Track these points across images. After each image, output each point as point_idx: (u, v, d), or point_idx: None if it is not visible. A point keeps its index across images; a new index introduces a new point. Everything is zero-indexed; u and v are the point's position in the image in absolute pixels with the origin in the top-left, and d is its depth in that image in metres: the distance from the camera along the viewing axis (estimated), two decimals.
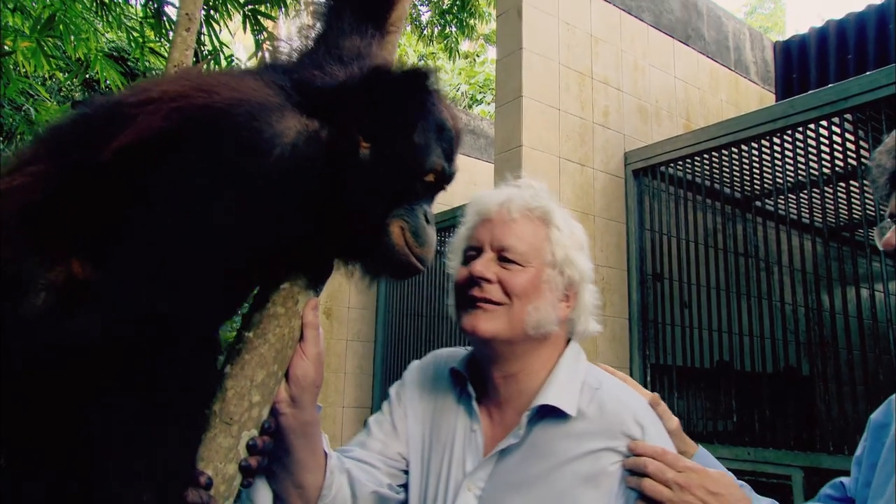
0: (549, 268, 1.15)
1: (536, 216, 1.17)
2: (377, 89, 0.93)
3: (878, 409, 1.15)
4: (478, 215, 1.20)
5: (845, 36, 4.67)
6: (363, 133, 0.93)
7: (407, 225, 0.95)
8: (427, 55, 9.95)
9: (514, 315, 1.12)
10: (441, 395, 1.25)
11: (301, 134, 0.88)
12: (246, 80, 0.93)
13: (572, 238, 1.19)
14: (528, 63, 3.42)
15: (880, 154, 1.04)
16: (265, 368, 0.95)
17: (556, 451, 1.09)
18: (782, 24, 19.55)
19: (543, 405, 1.11)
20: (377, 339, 5.06)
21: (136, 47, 4.41)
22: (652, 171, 3.67)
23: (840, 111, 2.88)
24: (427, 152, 0.95)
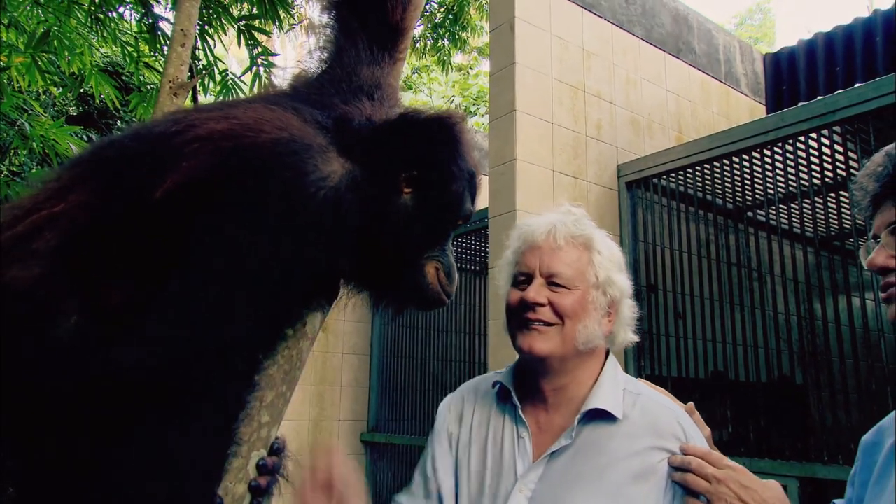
0: (593, 289, 1.27)
1: (580, 243, 1.29)
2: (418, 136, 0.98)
3: (870, 431, 1.17)
4: (526, 243, 1.32)
5: (833, 48, 4.73)
6: (406, 179, 0.97)
7: (441, 266, 1.03)
8: (420, 68, 10.01)
9: (566, 334, 1.24)
10: (485, 408, 1.36)
11: (344, 178, 0.90)
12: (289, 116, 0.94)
13: (612, 260, 1.31)
14: (521, 77, 3.46)
15: (863, 177, 1.07)
16: (274, 389, 0.96)
17: (607, 450, 1.20)
18: (772, 35, 19.78)
19: (593, 409, 1.23)
20: (373, 352, 5.06)
21: (130, 62, 4.43)
22: (645, 183, 3.70)
23: (829, 123, 2.92)
24: (463, 201, 1.02)
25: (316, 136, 0.92)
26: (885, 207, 1.03)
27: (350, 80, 1.16)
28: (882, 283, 1.03)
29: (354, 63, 1.19)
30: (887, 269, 1.02)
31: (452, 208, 1.02)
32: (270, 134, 0.87)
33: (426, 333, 4.87)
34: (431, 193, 1.00)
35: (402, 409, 4.87)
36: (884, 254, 1.01)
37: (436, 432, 1.40)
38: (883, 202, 1.03)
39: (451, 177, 1.00)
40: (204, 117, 0.91)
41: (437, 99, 11.74)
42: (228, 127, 0.88)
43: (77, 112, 5.70)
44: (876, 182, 1.04)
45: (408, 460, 4.78)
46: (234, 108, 0.94)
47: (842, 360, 2.89)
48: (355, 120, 1.02)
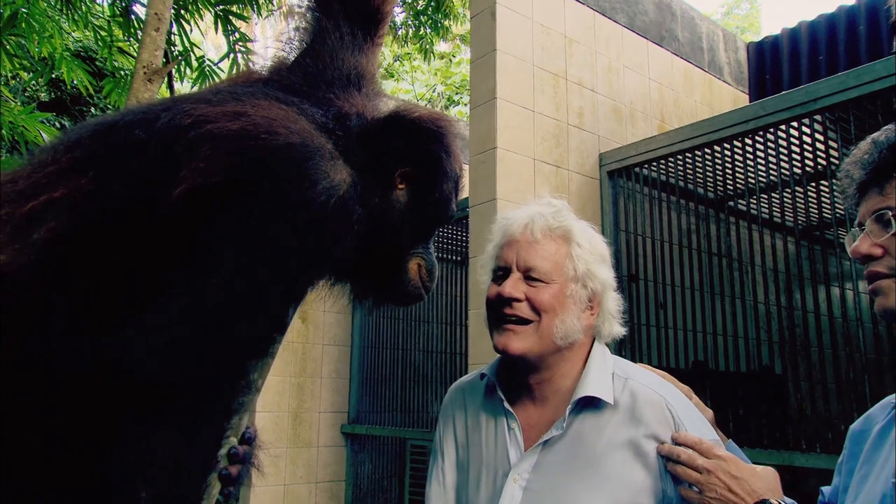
0: (572, 283, 1.25)
1: (558, 235, 1.27)
2: (415, 134, 1.01)
3: (858, 420, 1.18)
4: (504, 237, 1.30)
5: (817, 37, 4.73)
6: (400, 175, 1.01)
7: (424, 262, 1.06)
8: (402, 55, 9.91)
9: (542, 330, 1.22)
10: (474, 403, 1.37)
11: (350, 186, 0.91)
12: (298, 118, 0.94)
13: (593, 252, 1.29)
14: (503, 65, 3.40)
15: (849, 164, 1.06)
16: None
17: (600, 438, 1.19)
18: (758, 24, 19.83)
19: (583, 397, 1.22)
20: (354, 342, 5.01)
21: (103, 47, 4.32)
22: (627, 173, 3.67)
23: (810, 112, 2.90)
24: (451, 201, 1.08)
25: (323, 140, 0.94)
26: (870, 195, 1.02)
27: (335, 66, 1.18)
28: (866, 272, 1.02)
29: (338, 48, 1.20)
30: (871, 256, 1.00)
31: (442, 207, 1.06)
32: (284, 138, 0.87)
33: (407, 324, 4.83)
34: (424, 190, 1.04)
35: (384, 401, 4.84)
36: (868, 241, 1.00)
37: (437, 440, 1.41)
38: (868, 189, 1.02)
39: (444, 175, 1.05)
40: (217, 112, 0.89)
41: (420, 87, 11.67)
42: (242, 127, 0.87)
43: (49, 98, 5.55)
44: (862, 169, 1.03)
45: (389, 452, 4.75)
46: (242, 101, 0.94)
47: (821, 350, 2.89)
48: (352, 118, 1.04)
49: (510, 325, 1.23)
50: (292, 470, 4.58)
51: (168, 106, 0.94)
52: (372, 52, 1.30)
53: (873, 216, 0.99)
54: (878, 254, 0.99)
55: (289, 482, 4.55)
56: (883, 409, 1.12)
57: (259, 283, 0.85)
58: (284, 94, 1.04)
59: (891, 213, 0.97)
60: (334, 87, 1.14)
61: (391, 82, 11.44)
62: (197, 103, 0.93)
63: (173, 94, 3.87)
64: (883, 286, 0.99)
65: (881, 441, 1.06)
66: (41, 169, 0.89)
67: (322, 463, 4.76)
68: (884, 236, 0.97)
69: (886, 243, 0.97)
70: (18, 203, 0.84)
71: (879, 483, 1.01)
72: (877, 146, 1.02)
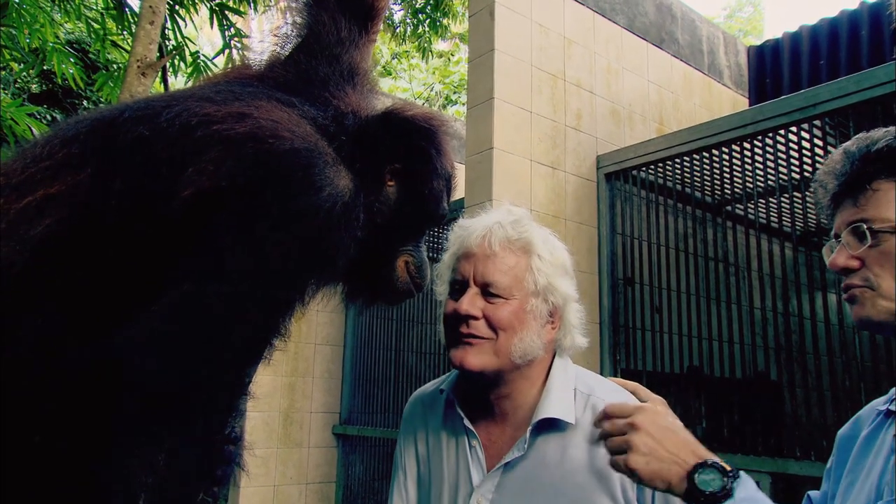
0: (532, 297, 1.19)
1: (518, 247, 1.20)
2: (406, 131, 1.01)
3: (846, 424, 1.17)
4: (461, 248, 1.24)
5: (818, 41, 4.70)
6: (391, 171, 1.01)
7: (412, 259, 1.05)
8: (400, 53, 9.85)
9: (500, 348, 1.17)
10: (435, 418, 1.31)
11: (352, 191, 0.91)
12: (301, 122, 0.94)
13: (554, 264, 1.22)
14: (500, 65, 3.37)
15: (823, 175, 1.05)
16: None
17: (565, 458, 1.15)
18: (760, 28, 19.82)
19: (544, 419, 1.16)
20: (346, 342, 4.97)
21: (96, 39, 4.26)
22: (624, 175, 3.64)
23: (809, 117, 2.87)
24: (441, 199, 1.06)
25: (325, 145, 0.93)
26: (844, 206, 1.01)
27: (329, 62, 1.17)
28: (843, 284, 1.01)
29: (332, 43, 1.19)
30: (849, 269, 0.99)
31: (432, 204, 1.05)
32: (289, 143, 0.87)
33: (400, 325, 4.79)
34: (414, 187, 1.03)
35: (376, 402, 4.80)
36: (845, 254, 0.99)
37: (398, 455, 1.36)
38: (842, 201, 1.01)
39: (434, 172, 1.04)
40: (223, 113, 0.88)
41: (417, 86, 11.61)
42: (249, 130, 0.86)
43: (40, 90, 5.49)
44: (835, 180, 1.02)
45: (380, 453, 4.71)
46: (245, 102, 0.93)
47: (817, 356, 2.86)
48: (348, 116, 1.04)
49: (468, 339, 1.18)
50: (282, 471, 4.54)
51: (168, 103, 0.91)
52: (366, 47, 1.29)
53: (849, 228, 0.98)
54: (855, 266, 0.98)
55: (279, 483, 4.50)
56: (870, 413, 1.10)
57: (261, 287, 0.83)
58: (283, 93, 1.03)
59: (866, 226, 0.96)
60: (329, 84, 1.13)
61: (389, 80, 11.37)
62: (201, 101, 0.91)
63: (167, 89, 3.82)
64: (858, 295, 0.99)
65: (867, 447, 1.05)
66: (36, 164, 0.87)
67: (313, 464, 4.71)
68: (860, 249, 0.96)
69: (863, 255, 0.97)
70: (13, 198, 0.82)
71: (864, 492, 0.99)
72: (848, 157, 1.01)
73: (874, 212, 0.96)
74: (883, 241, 0.94)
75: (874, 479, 0.98)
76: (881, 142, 0.98)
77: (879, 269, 0.95)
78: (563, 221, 3.51)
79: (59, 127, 0.96)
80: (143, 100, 0.99)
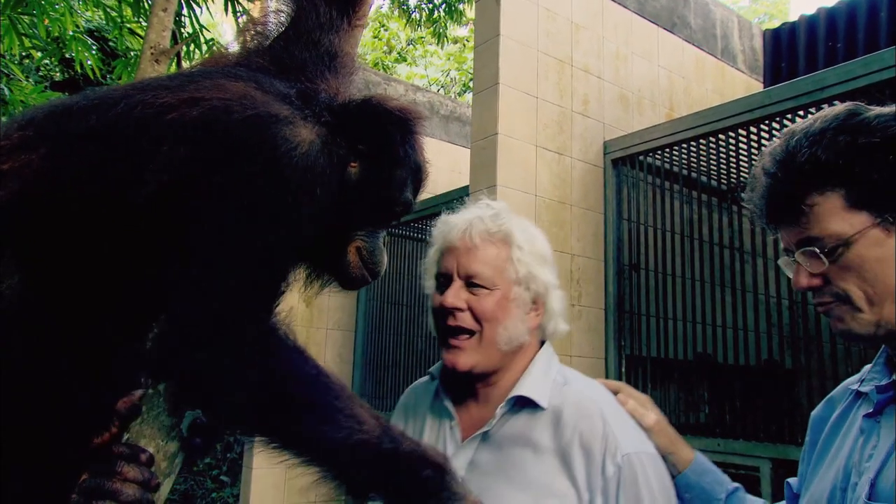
0: (514, 286, 1.24)
1: (498, 239, 1.26)
2: (376, 116, 1.02)
3: (819, 405, 1.15)
4: (443, 243, 1.29)
5: (835, 24, 4.60)
6: (356, 154, 1.01)
7: (365, 245, 1.05)
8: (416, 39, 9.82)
9: (486, 340, 1.22)
10: (424, 404, 1.36)
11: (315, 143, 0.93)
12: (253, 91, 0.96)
13: (533, 254, 1.27)
14: (506, 50, 3.37)
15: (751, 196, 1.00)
16: None
17: (530, 441, 1.18)
18: (786, 11, 19.31)
19: (518, 396, 1.21)
20: (358, 328, 5.04)
21: (114, 27, 4.35)
22: (631, 161, 3.63)
23: (818, 101, 2.83)
24: (404, 187, 1.07)
25: (281, 107, 0.95)
26: (784, 224, 0.96)
27: (308, 46, 1.17)
28: (815, 302, 0.97)
29: (313, 27, 1.19)
30: (813, 287, 0.95)
31: (392, 190, 1.05)
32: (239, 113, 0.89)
33: (411, 310, 4.84)
34: (376, 171, 1.03)
35: (387, 387, 4.86)
36: (805, 275, 0.95)
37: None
38: (781, 219, 0.96)
39: (398, 159, 1.04)
40: (176, 99, 0.91)
41: (434, 72, 11.55)
42: (201, 114, 0.89)
43: (62, 78, 5.62)
44: (764, 200, 0.97)
45: None
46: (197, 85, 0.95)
47: (832, 344, 2.83)
48: (320, 94, 1.06)
49: (456, 340, 1.22)
50: None
51: (126, 93, 0.95)
52: (350, 34, 1.29)
53: (801, 251, 0.94)
54: (818, 284, 0.95)
55: (290, 466, 4.60)
56: (843, 393, 1.09)
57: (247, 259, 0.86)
58: (247, 71, 1.05)
59: (818, 249, 0.92)
60: (306, 69, 1.14)
61: (404, 66, 11.32)
62: (157, 90, 0.95)
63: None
64: (836, 313, 0.94)
65: (837, 428, 1.04)
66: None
67: None
68: (819, 268, 0.93)
69: (825, 272, 0.93)
70: None
71: (831, 472, 0.99)
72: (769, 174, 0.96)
73: (819, 230, 0.92)
74: (839, 256, 0.91)
75: (842, 461, 0.97)
76: (800, 155, 0.93)
77: (845, 283, 0.91)
78: (569, 207, 3.52)
79: (21, 113, 1.02)
80: (103, 90, 1.03)
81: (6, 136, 0.91)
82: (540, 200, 3.40)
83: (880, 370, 0.99)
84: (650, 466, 1.15)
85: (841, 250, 0.90)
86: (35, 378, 0.85)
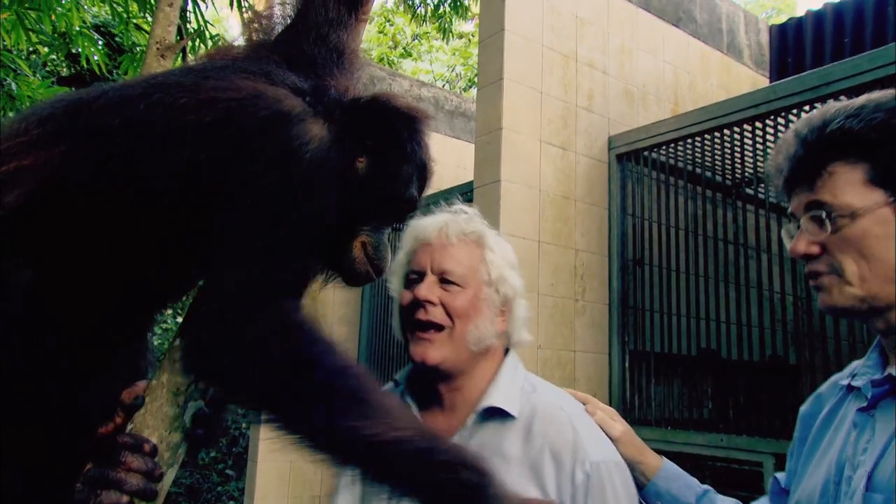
0: (486, 286, 1.26)
1: (472, 240, 1.29)
2: (384, 118, 1.04)
3: (807, 401, 1.16)
4: (417, 241, 1.30)
5: (842, 19, 4.57)
6: (364, 150, 1.03)
7: (370, 240, 1.05)
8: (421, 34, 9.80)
9: (456, 337, 1.22)
10: None
11: (325, 139, 0.95)
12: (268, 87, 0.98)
13: (504, 258, 1.30)
14: (511, 45, 3.37)
15: (776, 157, 1.03)
16: None
17: (500, 451, 1.18)
18: (793, 6, 19.16)
19: (489, 407, 1.21)
20: (362, 322, 5.06)
21: (120, 22, 4.36)
22: (636, 156, 3.62)
23: (823, 96, 2.82)
24: (409, 183, 1.08)
25: (294, 101, 0.96)
26: (799, 189, 0.98)
27: (317, 43, 1.19)
28: (807, 271, 0.99)
29: (322, 23, 1.20)
30: (810, 255, 0.97)
31: (398, 186, 1.06)
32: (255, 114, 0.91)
33: None
34: (383, 166, 1.04)
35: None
36: (805, 240, 0.97)
37: None
38: (798, 184, 0.99)
39: (404, 155, 1.06)
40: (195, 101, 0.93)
41: (439, 67, 11.51)
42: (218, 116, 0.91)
43: (69, 73, 5.65)
44: (789, 163, 1.00)
45: None
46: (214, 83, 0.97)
47: (837, 340, 2.83)
48: (330, 91, 1.07)
49: (425, 333, 1.22)
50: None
51: (145, 91, 0.96)
52: (356, 28, 1.30)
53: (807, 214, 0.96)
54: (816, 252, 0.96)
55: (294, 459, 4.63)
56: (832, 389, 1.10)
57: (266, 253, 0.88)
58: (259, 65, 1.06)
59: (824, 214, 0.94)
60: (316, 65, 1.16)
61: (409, 62, 11.30)
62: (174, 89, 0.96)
63: None
64: (825, 283, 0.96)
65: (828, 423, 1.05)
66: (12, 139, 0.93)
67: None
68: (820, 235, 0.95)
69: (824, 241, 0.95)
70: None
71: (822, 467, 0.99)
72: (801, 139, 0.98)
73: (831, 197, 0.93)
74: (843, 227, 0.92)
75: (834, 455, 0.98)
76: (833, 123, 0.95)
77: (842, 255, 0.93)
78: (573, 202, 3.52)
79: (38, 106, 1.02)
80: (119, 86, 1.03)
81: (25, 132, 0.93)
82: (544, 196, 3.40)
83: (874, 364, 1.00)
84: (617, 475, 1.17)
85: (846, 221, 0.92)
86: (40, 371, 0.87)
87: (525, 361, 1.34)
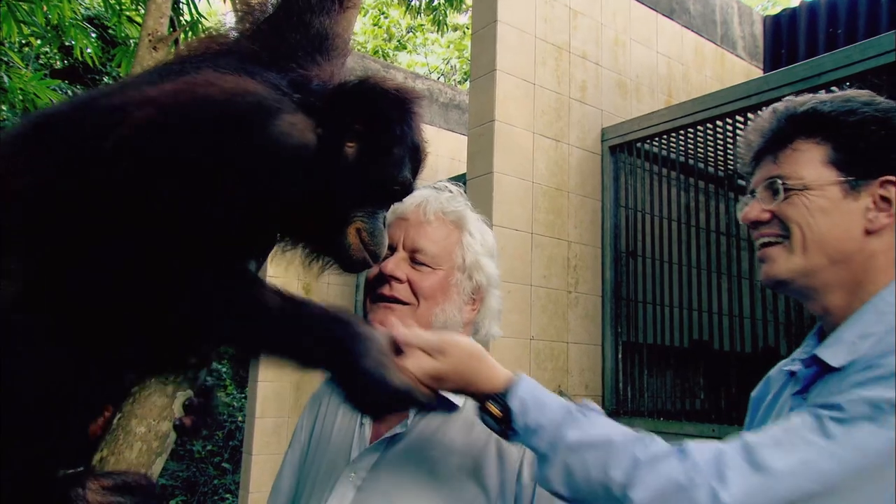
0: (458, 271, 1.19)
1: (450, 220, 1.22)
2: (373, 102, 1.02)
3: (757, 386, 1.17)
4: (393, 214, 1.22)
5: (836, 10, 4.57)
6: (353, 135, 1.01)
7: (365, 226, 1.02)
8: (416, 27, 9.77)
9: (419, 316, 1.15)
10: (329, 397, 1.30)
11: (306, 130, 0.94)
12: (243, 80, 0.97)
13: (483, 244, 1.23)
14: (503, 36, 3.36)
15: (749, 132, 1.07)
16: None
17: (442, 441, 1.13)
18: None
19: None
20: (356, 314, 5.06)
21: (113, 14, 4.34)
22: (629, 148, 3.62)
23: (815, 87, 2.82)
24: (402, 166, 1.06)
25: (268, 92, 0.95)
26: (764, 162, 1.03)
27: (299, 29, 1.17)
28: (754, 237, 1.03)
29: (303, 9, 1.19)
30: (759, 222, 1.01)
31: (390, 168, 1.04)
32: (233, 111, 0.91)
33: None
34: (373, 150, 1.03)
35: None
36: (758, 207, 1.01)
37: (297, 425, 1.34)
38: (763, 157, 1.03)
39: (395, 138, 1.04)
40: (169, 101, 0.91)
41: (434, 60, 11.49)
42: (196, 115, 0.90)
43: (62, 66, 5.62)
44: (760, 137, 1.04)
45: None
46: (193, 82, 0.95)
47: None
48: (312, 80, 1.06)
49: (388, 304, 1.15)
50: None
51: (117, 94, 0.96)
52: (342, 16, 1.28)
53: (765, 183, 1.00)
54: (766, 218, 1.00)
55: None
56: (779, 373, 1.11)
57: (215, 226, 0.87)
58: (238, 62, 1.05)
59: (780, 182, 0.98)
60: (297, 53, 1.14)
61: (404, 54, 11.26)
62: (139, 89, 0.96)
63: None
64: (771, 253, 1.00)
65: (770, 409, 1.07)
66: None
67: None
68: (773, 203, 0.99)
69: (775, 209, 0.99)
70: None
71: None
72: (776, 114, 1.03)
73: (790, 169, 0.98)
74: (794, 197, 0.97)
75: None
76: (807, 104, 1.00)
77: (789, 222, 0.98)
78: (566, 194, 3.52)
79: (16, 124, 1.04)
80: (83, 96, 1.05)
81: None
82: (537, 187, 3.40)
83: (811, 345, 1.03)
84: None
85: (798, 192, 0.97)
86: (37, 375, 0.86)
87: (518, 352, 1.28)
